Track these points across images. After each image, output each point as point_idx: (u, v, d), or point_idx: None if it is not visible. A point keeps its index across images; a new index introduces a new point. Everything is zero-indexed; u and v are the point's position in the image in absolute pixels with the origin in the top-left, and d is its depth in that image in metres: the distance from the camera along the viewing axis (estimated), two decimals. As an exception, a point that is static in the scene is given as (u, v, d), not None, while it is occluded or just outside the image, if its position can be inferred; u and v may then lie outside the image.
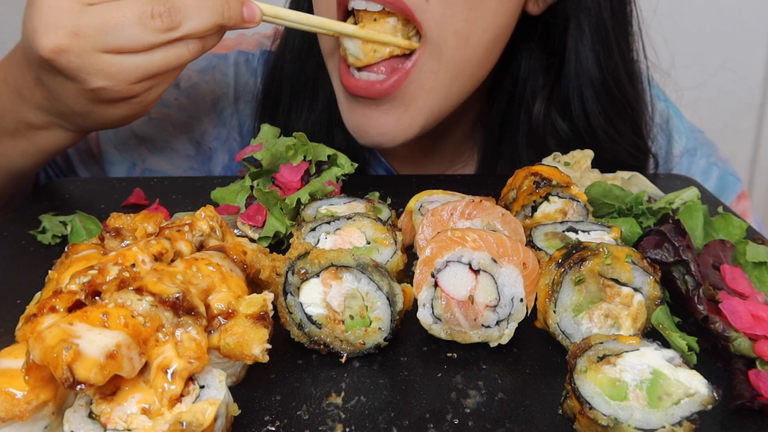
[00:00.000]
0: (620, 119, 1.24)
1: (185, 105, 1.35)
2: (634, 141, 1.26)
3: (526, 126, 1.27)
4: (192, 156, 1.37)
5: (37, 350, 0.55)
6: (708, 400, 0.61)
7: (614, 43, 1.20)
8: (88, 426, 0.57)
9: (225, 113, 1.37)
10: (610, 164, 1.18)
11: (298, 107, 1.28)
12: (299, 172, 1.03)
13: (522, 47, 1.24)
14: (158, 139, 1.35)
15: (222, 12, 0.93)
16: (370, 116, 1.11)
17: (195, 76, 1.36)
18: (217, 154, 1.37)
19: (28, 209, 1.08)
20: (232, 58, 1.39)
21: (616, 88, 1.22)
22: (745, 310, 0.72)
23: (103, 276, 0.65)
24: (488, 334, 0.74)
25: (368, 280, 0.73)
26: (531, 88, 1.26)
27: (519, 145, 1.28)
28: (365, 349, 0.73)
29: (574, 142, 1.23)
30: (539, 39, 1.23)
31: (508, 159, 1.31)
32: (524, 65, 1.25)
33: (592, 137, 1.23)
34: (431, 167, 1.39)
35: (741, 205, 1.40)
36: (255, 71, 1.37)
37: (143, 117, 1.27)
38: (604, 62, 1.20)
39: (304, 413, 0.66)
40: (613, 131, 1.23)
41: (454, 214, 0.84)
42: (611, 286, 0.74)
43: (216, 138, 1.37)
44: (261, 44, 1.42)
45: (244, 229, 0.97)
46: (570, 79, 1.21)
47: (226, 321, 0.66)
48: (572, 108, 1.22)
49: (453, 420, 0.65)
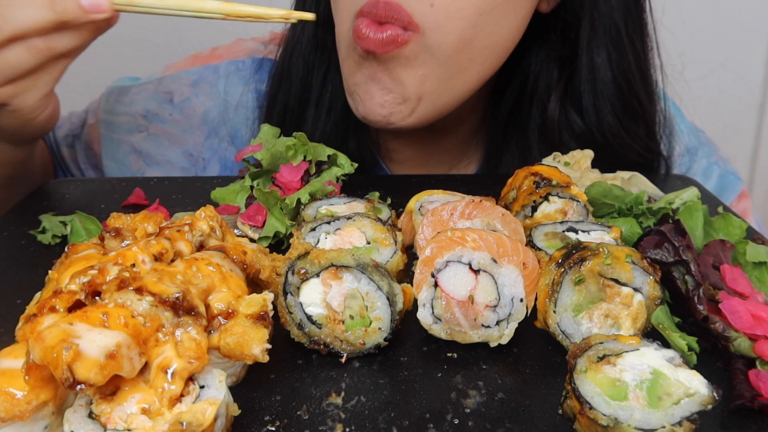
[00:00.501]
0: (631, 119, 1.23)
1: (179, 119, 1.36)
2: (646, 142, 1.26)
3: (539, 120, 1.26)
4: (186, 168, 1.38)
5: (37, 350, 0.55)
6: (708, 400, 0.61)
7: (627, 43, 1.19)
8: (88, 426, 0.57)
9: (215, 124, 1.38)
10: (621, 163, 1.18)
11: (315, 114, 1.28)
12: (299, 172, 1.03)
13: (533, 43, 1.24)
14: (155, 153, 1.37)
15: (52, 6, 0.88)
16: (369, 80, 1.09)
17: (187, 91, 1.37)
18: (210, 164, 1.38)
19: (28, 209, 1.08)
20: (222, 69, 1.39)
21: (628, 88, 1.21)
22: (745, 310, 0.72)
23: (103, 276, 0.65)
24: (488, 334, 0.74)
25: (368, 280, 0.73)
26: (544, 83, 1.25)
27: (530, 139, 1.27)
28: (365, 349, 0.73)
29: (587, 135, 1.23)
30: (553, 33, 1.22)
31: (517, 154, 1.30)
32: (536, 60, 1.25)
33: (603, 134, 1.23)
34: (433, 164, 1.39)
35: (742, 205, 1.40)
36: (246, 80, 1.38)
37: (142, 133, 1.34)
38: (615, 62, 1.20)
39: (304, 413, 0.66)
40: (623, 131, 1.23)
41: (454, 214, 0.85)
42: (611, 286, 0.74)
43: (208, 149, 1.37)
44: (254, 51, 1.42)
45: (244, 229, 0.97)
46: (582, 75, 1.21)
47: (226, 321, 0.66)
48: (583, 104, 1.22)
49: (453, 420, 0.65)
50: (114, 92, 1.41)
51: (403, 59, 1.05)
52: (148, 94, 1.38)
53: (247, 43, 1.44)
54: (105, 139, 1.37)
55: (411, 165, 1.38)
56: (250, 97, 1.36)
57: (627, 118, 1.23)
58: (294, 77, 1.27)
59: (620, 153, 1.23)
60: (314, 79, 1.27)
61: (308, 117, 1.27)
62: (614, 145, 1.22)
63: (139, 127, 1.37)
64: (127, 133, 1.37)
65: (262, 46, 1.41)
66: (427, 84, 1.08)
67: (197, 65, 1.41)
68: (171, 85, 1.39)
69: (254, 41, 1.44)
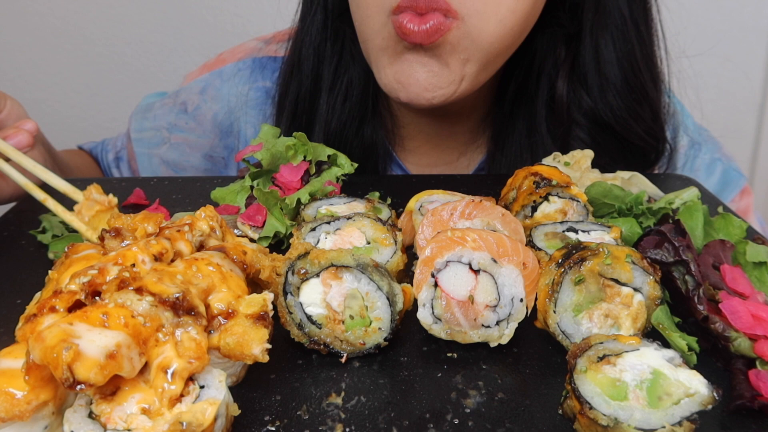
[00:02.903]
0: (635, 102, 1.25)
1: (193, 127, 1.45)
2: (650, 125, 1.27)
3: (547, 97, 1.28)
4: (210, 169, 1.47)
5: (37, 350, 0.55)
6: (708, 400, 0.61)
7: (632, 26, 1.21)
8: (88, 426, 0.57)
9: (225, 124, 1.44)
10: (627, 150, 1.20)
11: (329, 103, 1.30)
12: (299, 172, 1.03)
13: (542, 22, 1.25)
14: (180, 161, 1.47)
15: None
16: (414, 63, 1.11)
17: (197, 99, 1.45)
18: (230, 161, 1.46)
19: (28, 209, 1.08)
20: (225, 73, 1.45)
21: (632, 72, 1.23)
22: (745, 310, 0.72)
23: (103, 276, 0.65)
24: (488, 334, 0.74)
25: (368, 280, 0.73)
26: (552, 61, 1.27)
27: (538, 117, 1.29)
28: (365, 349, 0.73)
29: (594, 112, 1.25)
30: (561, 12, 1.24)
31: (525, 134, 1.31)
32: (543, 39, 1.26)
33: (608, 113, 1.25)
34: (444, 149, 1.41)
35: (744, 201, 1.41)
36: (247, 79, 1.43)
37: (166, 144, 1.46)
38: (619, 45, 1.21)
39: (304, 413, 0.66)
40: (625, 112, 1.24)
41: (454, 214, 0.85)
42: (611, 286, 0.74)
43: (225, 148, 1.45)
44: (255, 50, 1.46)
45: (244, 229, 0.97)
46: (587, 56, 1.23)
47: (226, 321, 0.66)
48: (588, 83, 1.24)
49: (453, 420, 0.66)
50: (140, 111, 1.50)
51: (447, 45, 1.07)
52: (168, 108, 1.47)
53: (248, 44, 1.49)
54: (139, 155, 1.48)
55: (422, 152, 1.41)
56: (251, 96, 1.41)
57: (631, 100, 1.24)
58: (305, 68, 1.30)
59: (624, 136, 1.24)
60: (325, 69, 1.29)
61: (321, 106, 1.30)
62: (616, 127, 1.24)
63: (163, 139, 1.47)
64: (155, 146, 1.47)
65: (263, 44, 1.45)
66: (467, 66, 1.11)
67: (205, 73, 1.48)
68: (184, 95, 1.46)
69: (256, 41, 1.49)
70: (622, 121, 1.24)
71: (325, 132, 1.29)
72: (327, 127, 1.28)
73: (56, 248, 0.94)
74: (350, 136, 1.28)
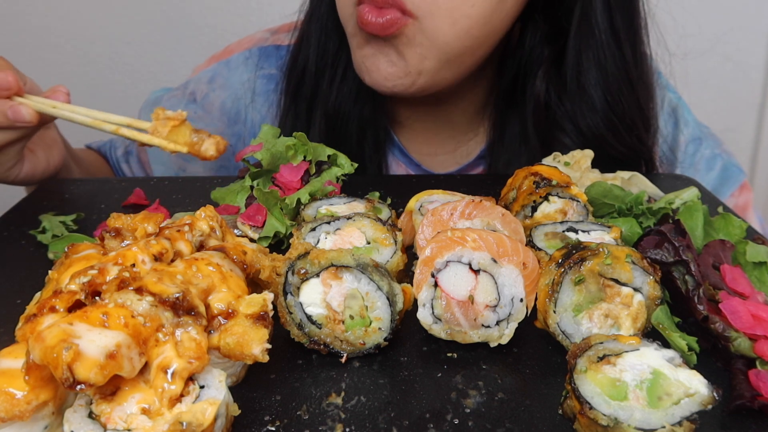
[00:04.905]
0: (618, 124, 1.25)
1: (202, 115, 1.46)
2: (633, 143, 1.27)
3: (531, 97, 1.29)
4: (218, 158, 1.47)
5: (37, 350, 0.55)
6: (708, 400, 0.61)
7: (615, 51, 1.21)
8: (88, 426, 0.57)
9: (232, 113, 1.47)
10: (609, 157, 1.19)
11: (332, 77, 1.34)
12: (299, 172, 1.03)
13: (530, 19, 1.27)
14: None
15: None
16: (377, 52, 1.17)
17: (205, 88, 1.48)
18: (238, 148, 1.47)
19: (28, 209, 1.08)
20: (232, 62, 1.48)
21: (614, 97, 1.23)
22: (745, 310, 0.72)
23: (103, 276, 0.65)
24: (488, 334, 0.74)
25: (368, 280, 0.73)
26: (537, 59, 1.28)
27: (527, 113, 1.31)
28: (365, 349, 0.73)
29: (575, 121, 1.26)
30: (544, 9, 1.25)
31: (517, 130, 1.33)
32: (530, 36, 1.28)
33: (588, 130, 1.25)
34: (443, 138, 1.42)
35: (743, 196, 1.41)
36: (253, 67, 1.46)
37: None
38: (602, 68, 1.22)
39: (304, 413, 0.66)
40: (603, 129, 1.24)
41: (454, 214, 0.84)
42: (611, 286, 0.74)
43: (232, 135, 1.47)
44: (261, 40, 1.49)
45: (244, 229, 0.97)
46: (569, 72, 1.24)
47: (226, 321, 0.66)
48: (570, 93, 1.25)
49: (453, 420, 0.66)
50: (149, 104, 1.52)
51: (404, 38, 1.12)
52: (177, 99, 1.49)
53: (255, 35, 1.52)
54: (149, 148, 1.46)
55: (421, 140, 1.43)
56: (258, 83, 1.44)
57: (613, 122, 1.25)
58: (313, 40, 1.34)
59: (605, 150, 1.25)
60: (330, 43, 1.34)
61: (326, 81, 1.34)
62: (594, 142, 1.24)
63: None
64: None
65: (269, 35, 1.49)
66: (425, 62, 1.15)
67: (213, 63, 1.51)
68: (193, 86, 1.49)
69: (262, 32, 1.52)
70: (601, 138, 1.25)
71: (324, 106, 1.33)
72: (328, 102, 1.32)
73: (56, 248, 0.94)
74: (349, 111, 1.32)
